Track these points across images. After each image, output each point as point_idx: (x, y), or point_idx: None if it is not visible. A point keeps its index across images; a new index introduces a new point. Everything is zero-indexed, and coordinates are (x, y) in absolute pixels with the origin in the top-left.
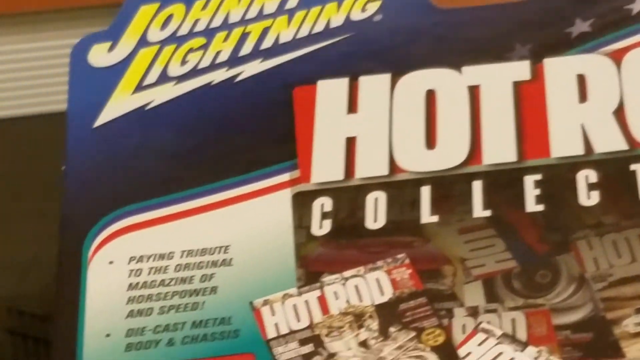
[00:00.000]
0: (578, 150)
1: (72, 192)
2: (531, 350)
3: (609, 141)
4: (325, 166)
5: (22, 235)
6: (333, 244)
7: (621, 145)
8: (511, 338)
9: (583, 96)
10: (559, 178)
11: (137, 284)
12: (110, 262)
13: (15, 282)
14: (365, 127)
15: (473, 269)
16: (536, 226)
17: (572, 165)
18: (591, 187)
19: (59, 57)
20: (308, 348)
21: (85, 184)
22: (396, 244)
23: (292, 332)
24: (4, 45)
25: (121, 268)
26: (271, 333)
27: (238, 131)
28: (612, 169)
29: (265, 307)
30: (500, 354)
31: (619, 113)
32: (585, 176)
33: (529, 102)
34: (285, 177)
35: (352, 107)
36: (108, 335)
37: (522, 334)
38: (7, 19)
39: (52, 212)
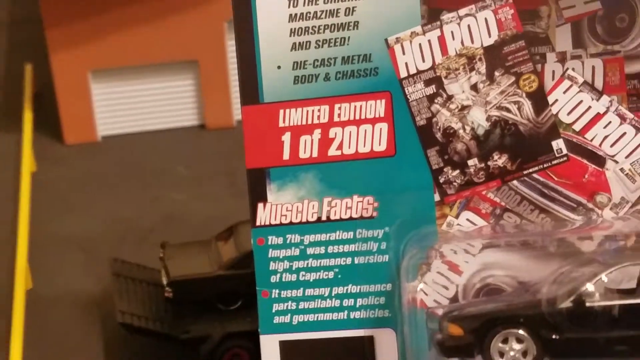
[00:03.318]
0: None
1: None
2: (605, 99)
3: None
4: None
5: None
6: None
7: None
8: (590, 86)
9: None
10: None
11: (296, 15)
12: None
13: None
14: None
15: (564, 9)
16: None
17: None
18: None
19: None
20: (431, 89)
21: None
22: None
23: (419, 72)
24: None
25: None
26: (403, 72)
27: None
28: None
29: (397, 45)
30: (580, 101)
31: None
32: None
33: None
34: None
35: None
36: (279, 67)
37: (599, 83)
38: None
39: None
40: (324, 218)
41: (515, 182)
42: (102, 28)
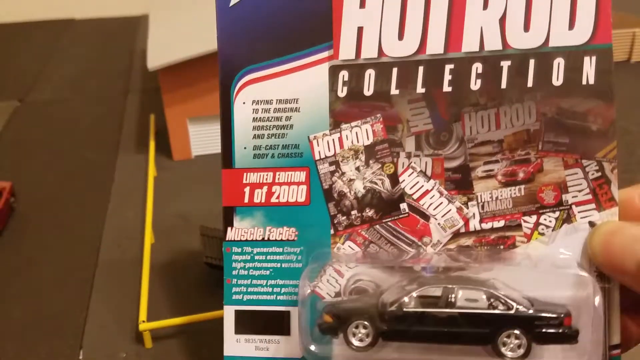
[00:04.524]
0: (475, 47)
1: (223, 54)
2: (432, 181)
3: (493, 42)
4: (346, 48)
5: (206, 192)
6: (347, 104)
7: (498, 45)
8: (423, 173)
9: (485, 4)
10: (462, 67)
11: (256, 118)
12: (244, 103)
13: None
14: (368, 21)
15: (412, 127)
16: (446, 102)
17: (470, 59)
18: (478, 76)
19: None
20: (333, 167)
21: (228, 48)
22: (376, 107)
23: (326, 157)
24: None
25: (249, 107)
26: (317, 156)
27: (310, 20)
28: (490, 63)
29: (314, 140)
30: (417, 182)
31: (502, 21)
32: (476, 68)
33: (457, 9)
34: (326, 54)
35: (362, 3)
36: (245, 148)
37: (429, 172)
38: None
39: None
40: (266, 239)
41: (377, 226)
42: (193, 94)
